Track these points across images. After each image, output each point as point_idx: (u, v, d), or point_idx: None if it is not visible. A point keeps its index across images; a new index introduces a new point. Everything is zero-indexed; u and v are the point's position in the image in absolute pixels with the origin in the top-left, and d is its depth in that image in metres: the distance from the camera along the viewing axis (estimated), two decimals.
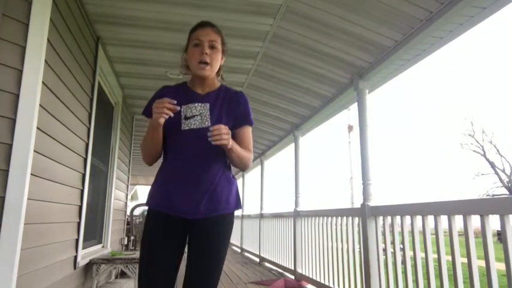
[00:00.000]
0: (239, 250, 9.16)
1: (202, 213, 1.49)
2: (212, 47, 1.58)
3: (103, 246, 4.10)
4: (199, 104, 1.57)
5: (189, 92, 1.63)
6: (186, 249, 1.55)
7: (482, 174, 25.99)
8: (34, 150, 2.03)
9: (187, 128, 1.53)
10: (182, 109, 1.54)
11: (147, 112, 1.56)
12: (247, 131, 1.63)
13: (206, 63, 1.56)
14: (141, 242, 1.55)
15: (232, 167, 1.64)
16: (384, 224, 3.15)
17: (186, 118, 1.55)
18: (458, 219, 2.24)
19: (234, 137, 1.55)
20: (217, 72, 1.68)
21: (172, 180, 1.52)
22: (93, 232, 3.79)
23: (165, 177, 1.55)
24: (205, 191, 1.50)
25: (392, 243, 2.88)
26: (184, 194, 1.49)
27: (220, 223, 1.52)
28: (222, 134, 1.39)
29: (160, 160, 1.64)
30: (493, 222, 2.04)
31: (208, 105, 1.57)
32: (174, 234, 1.51)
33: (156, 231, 1.51)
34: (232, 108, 1.60)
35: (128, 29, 3.25)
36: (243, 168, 1.61)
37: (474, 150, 26.33)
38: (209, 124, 1.52)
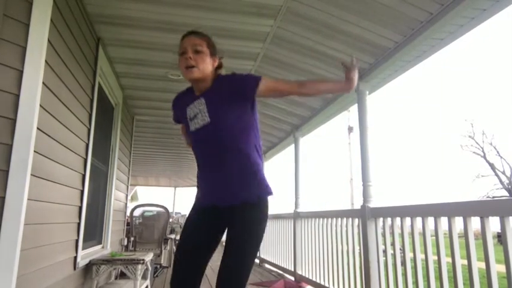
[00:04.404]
0: None
1: (226, 202, 1.60)
2: (196, 51, 1.62)
3: (103, 247, 4.09)
4: (196, 102, 1.65)
5: (191, 94, 1.72)
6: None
7: (482, 176, 25.97)
8: (34, 151, 2.02)
9: (194, 128, 1.64)
10: (187, 112, 1.68)
11: (174, 119, 1.87)
12: (269, 83, 1.61)
13: (192, 67, 1.60)
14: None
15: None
16: (383, 226, 3.15)
17: (191, 119, 1.66)
18: (459, 221, 2.24)
19: (269, 94, 1.63)
20: (216, 72, 1.71)
21: (200, 180, 1.71)
22: (93, 233, 3.79)
23: (198, 177, 1.73)
24: (224, 184, 1.60)
25: (392, 244, 2.87)
26: (209, 189, 1.66)
27: (241, 211, 1.57)
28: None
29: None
30: (493, 224, 2.05)
31: (202, 100, 1.63)
32: (205, 218, 1.66)
33: (192, 215, 1.70)
34: (230, 89, 1.62)
35: (129, 29, 3.25)
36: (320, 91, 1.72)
37: (474, 152, 26.29)
38: (208, 120, 1.59)
